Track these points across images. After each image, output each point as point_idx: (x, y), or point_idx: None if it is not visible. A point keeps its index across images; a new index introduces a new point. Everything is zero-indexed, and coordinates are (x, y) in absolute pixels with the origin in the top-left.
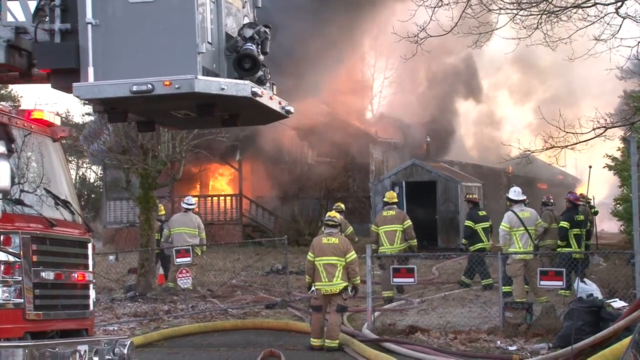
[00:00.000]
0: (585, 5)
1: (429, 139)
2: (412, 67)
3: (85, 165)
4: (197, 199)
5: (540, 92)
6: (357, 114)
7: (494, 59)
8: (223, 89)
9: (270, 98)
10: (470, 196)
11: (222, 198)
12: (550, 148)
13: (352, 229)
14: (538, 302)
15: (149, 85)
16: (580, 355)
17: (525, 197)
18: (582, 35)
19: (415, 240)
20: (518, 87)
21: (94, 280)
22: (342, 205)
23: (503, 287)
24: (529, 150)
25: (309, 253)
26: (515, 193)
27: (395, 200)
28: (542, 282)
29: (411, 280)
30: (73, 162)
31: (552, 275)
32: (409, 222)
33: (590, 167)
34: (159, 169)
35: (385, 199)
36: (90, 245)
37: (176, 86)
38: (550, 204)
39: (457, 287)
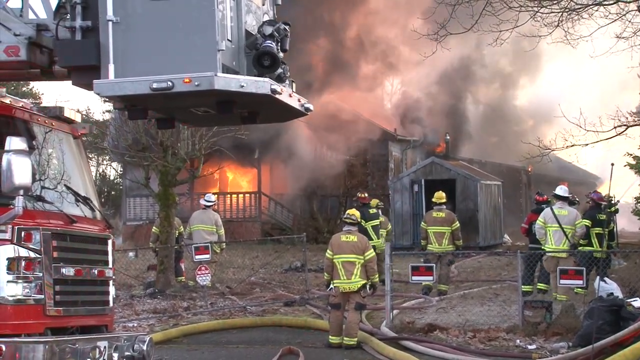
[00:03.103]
0: (607, 2)
1: (448, 137)
2: (431, 64)
3: (105, 162)
4: (216, 196)
5: (562, 88)
6: (376, 112)
7: (515, 55)
8: (242, 86)
9: (290, 95)
10: (360, 195)
11: (241, 195)
12: (571, 146)
13: (390, 226)
14: (559, 300)
15: (169, 83)
16: (601, 355)
17: (571, 196)
18: (604, 33)
19: (461, 241)
20: (538, 83)
21: (113, 277)
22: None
23: (522, 286)
24: (548, 149)
25: (328, 251)
26: (562, 190)
27: (444, 200)
28: (562, 281)
29: (430, 278)
30: (93, 159)
31: (572, 274)
32: (457, 225)
33: (612, 164)
34: (178, 166)
35: (434, 199)
36: (110, 242)
37: (196, 83)
38: (576, 203)
39: (477, 286)
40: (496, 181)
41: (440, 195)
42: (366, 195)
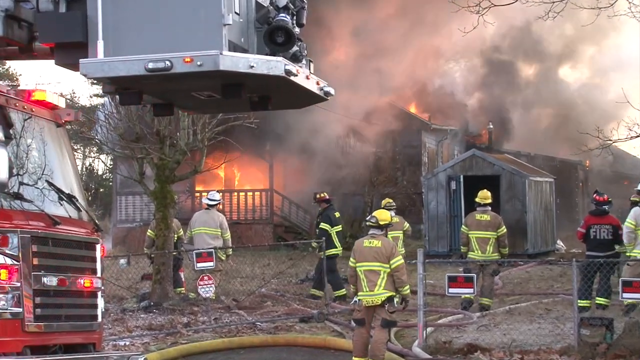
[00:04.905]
0: None
1: (491, 126)
2: (472, 42)
3: (93, 155)
4: (221, 194)
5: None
6: (407, 97)
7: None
8: (252, 66)
9: (307, 77)
10: (320, 195)
11: (250, 194)
12: (636, 137)
13: (408, 225)
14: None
15: (167, 62)
16: None
17: None
18: None
19: (507, 249)
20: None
21: (102, 287)
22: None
23: (579, 301)
24: (609, 140)
25: (351, 258)
26: None
27: (489, 200)
28: (625, 295)
29: (470, 290)
30: (79, 151)
31: (637, 285)
32: (504, 230)
33: None
34: (177, 160)
35: (477, 199)
36: (98, 247)
37: (198, 63)
38: None
39: (525, 300)
40: (548, 177)
41: (485, 195)
42: (326, 194)
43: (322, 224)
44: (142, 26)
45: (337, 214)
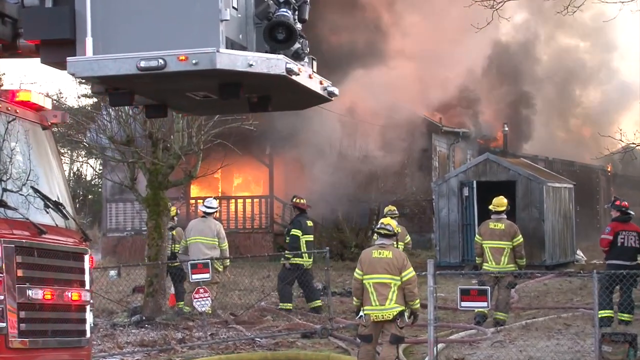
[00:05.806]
0: None
1: (506, 128)
2: (484, 37)
3: (81, 159)
4: (218, 201)
5: None
6: (417, 98)
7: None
8: (251, 65)
9: (309, 76)
10: (298, 200)
11: (248, 201)
12: None
13: (409, 238)
14: None
15: (161, 61)
16: None
17: None
18: None
19: (524, 259)
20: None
21: (91, 301)
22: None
23: (600, 312)
24: (633, 143)
25: (357, 269)
26: None
27: (504, 208)
28: None
29: (484, 304)
30: (66, 155)
31: None
32: (519, 239)
33: None
34: (171, 164)
35: (491, 207)
36: (87, 258)
37: (194, 61)
38: None
39: (542, 314)
40: (567, 183)
41: (500, 202)
42: (304, 202)
43: (293, 230)
44: (133, 22)
45: (310, 223)
